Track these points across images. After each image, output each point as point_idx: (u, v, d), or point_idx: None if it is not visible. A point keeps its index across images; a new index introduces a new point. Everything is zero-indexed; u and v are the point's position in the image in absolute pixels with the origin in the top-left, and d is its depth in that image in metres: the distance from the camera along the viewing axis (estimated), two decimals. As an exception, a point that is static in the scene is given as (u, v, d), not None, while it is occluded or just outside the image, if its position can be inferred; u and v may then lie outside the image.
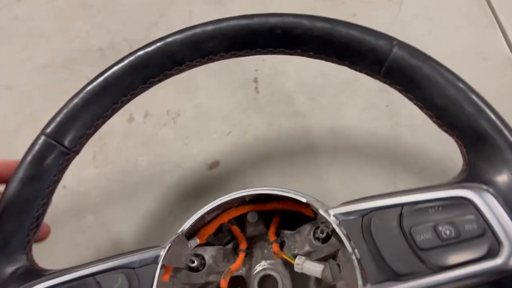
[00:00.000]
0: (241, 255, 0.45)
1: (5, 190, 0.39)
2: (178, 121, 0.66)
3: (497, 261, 0.31)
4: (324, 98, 0.65)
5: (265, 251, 0.46)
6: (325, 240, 0.43)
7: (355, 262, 0.34)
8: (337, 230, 0.35)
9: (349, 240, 0.34)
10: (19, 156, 0.41)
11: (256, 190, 0.42)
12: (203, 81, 0.68)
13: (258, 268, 0.45)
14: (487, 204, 0.32)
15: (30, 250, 0.40)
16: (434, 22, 0.68)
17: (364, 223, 0.35)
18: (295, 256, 0.42)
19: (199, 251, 0.45)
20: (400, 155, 0.60)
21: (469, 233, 0.32)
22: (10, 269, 0.38)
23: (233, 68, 0.68)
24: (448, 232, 0.32)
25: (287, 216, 0.46)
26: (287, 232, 0.46)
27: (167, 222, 0.58)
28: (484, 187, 0.33)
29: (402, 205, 0.34)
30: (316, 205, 0.38)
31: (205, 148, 0.63)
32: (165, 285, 0.39)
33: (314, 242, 0.43)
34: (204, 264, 0.44)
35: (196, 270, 0.44)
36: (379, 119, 0.62)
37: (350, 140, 0.61)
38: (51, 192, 0.41)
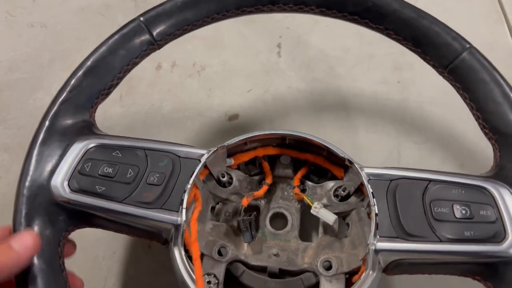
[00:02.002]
0: (264, 187, 0.48)
1: (93, 53, 0.42)
2: (203, 74, 0.70)
3: (500, 247, 0.34)
4: (342, 68, 0.69)
5: (285, 193, 0.50)
6: (343, 199, 0.46)
7: (373, 214, 0.37)
8: (365, 184, 0.39)
9: (373, 196, 0.38)
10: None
11: (301, 133, 0.45)
12: (230, 41, 0.72)
13: (274, 204, 0.49)
14: (505, 200, 0.36)
15: (94, 112, 0.43)
16: (450, 12, 0.73)
17: (390, 186, 0.38)
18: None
19: (231, 171, 0.48)
20: (406, 126, 0.65)
21: (482, 218, 0.35)
22: (73, 120, 0.41)
23: (259, 32, 0.73)
24: (463, 212, 0.36)
25: (315, 170, 0.50)
26: (310, 183, 0.49)
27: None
28: (507, 187, 0.37)
29: (429, 180, 0.38)
30: (351, 160, 0.42)
31: (226, 101, 0.67)
32: (199, 182, 0.42)
33: (332, 198, 0.46)
34: (231, 183, 0.48)
35: (222, 185, 0.47)
36: (390, 93, 0.67)
37: (362, 108, 0.66)
38: (127, 71, 0.43)
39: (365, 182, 0.39)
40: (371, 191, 0.38)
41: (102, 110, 0.47)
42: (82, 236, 0.42)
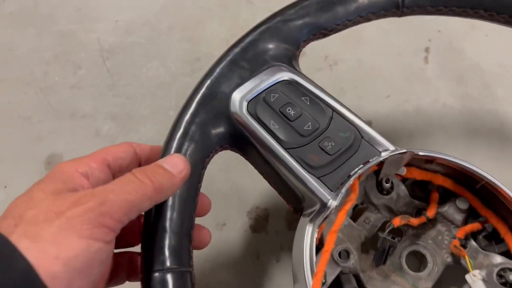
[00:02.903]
0: (422, 219, 0.41)
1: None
2: (335, 69, 0.62)
3: None
4: (501, 88, 0.59)
5: (440, 237, 0.42)
6: (509, 285, 0.38)
7: None
8: None
9: None
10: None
11: (505, 188, 0.37)
12: (370, 36, 0.64)
13: (422, 241, 0.42)
14: None
15: (304, 47, 0.41)
16: None
17: None
18: None
19: (395, 180, 0.42)
20: None
21: None
22: (280, 44, 0.39)
23: (405, 30, 0.63)
24: None
25: (490, 234, 0.41)
26: (474, 244, 0.40)
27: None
28: None
29: None
30: None
31: (359, 104, 0.59)
32: (366, 173, 0.38)
33: (494, 276, 0.38)
34: (389, 193, 0.42)
35: (380, 191, 0.42)
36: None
37: (522, 141, 0.56)
38: (357, 23, 0.40)
39: None
40: None
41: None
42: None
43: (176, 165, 0.31)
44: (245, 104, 0.37)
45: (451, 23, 0.63)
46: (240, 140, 0.37)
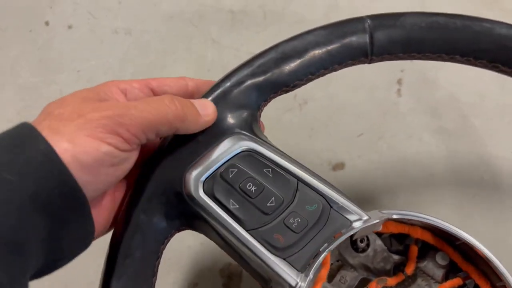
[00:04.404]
0: (400, 276, 0.39)
1: (296, 37, 0.36)
2: (305, 109, 0.60)
3: None
4: (478, 119, 0.57)
5: None
6: None
7: None
8: None
9: None
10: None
11: (485, 251, 0.35)
12: (341, 70, 0.61)
13: None
14: None
15: (264, 107, 0.37)
16: None
17: None
18: None
19: (371, 236, 0.40)
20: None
21: None
22: (240, 109, 0.36)
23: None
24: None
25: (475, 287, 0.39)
26: None
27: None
28: None
29: None
30: None
31: (331, 145, 0.57)
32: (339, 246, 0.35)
33: None
34: (365, 251, 0.39)
35: (355, 249, 0.39)
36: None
37: (501, 177, 0.53)
38: (320, 75, 0.37)
39: None
40: None
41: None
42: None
43: (205, 107, 0.33)
44: (200, 184, 0.34)
45: (423, 51, 0.61)
46: (199, 222, 0.35)
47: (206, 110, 0.33)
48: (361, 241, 0.39)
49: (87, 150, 0.26)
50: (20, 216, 0.24)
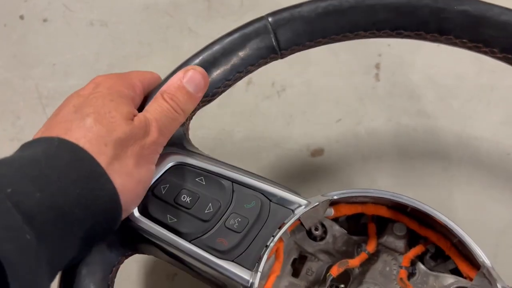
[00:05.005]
0: (363, 255, 0.39)
1: (205, 50, 0.38)
2: (283, 96, 0.59)
3: None
4: (456, 101, 0.56)
5: (387, 268, 0.40)
6: None
7: None
8: None
9: None
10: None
11: (433, 210, 0.35)
12: (318, 57, 0.61)
13: (369, 278, 0.40)
14: None
15: (190, 119, 0.38)
16: None
17: None
18: None
19: (327, 223, 0.40)
20: (537, 184, 0.52)
21: None
22: None
23: (354, 48, 0.61)
24: None
25: (435, 253, 0.40)
26: (423, 267, 0.39)
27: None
28: None
29: None
30: (492, 273, 0.33)
31: (309, 131, 0.57)
32: (285, 234, 0.36)
33: None
34: (323, 238, 0.40)
35: (313, 238, 0.40)
36: (517, 138, 0.54)
37: (479, 155, 0.53)
38: (238, 79, 0.37)
39: None
40: None
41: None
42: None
43: (198, 84, 0.33)
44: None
45: (401, 35, 0.61)
46: (142, 244, 0.35)
47: (199, 87, 0.34)
48: (316, 229, 0.39)
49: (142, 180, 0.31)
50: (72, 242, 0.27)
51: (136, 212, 0.34)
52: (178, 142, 0.36)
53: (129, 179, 0.29)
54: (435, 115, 0.56)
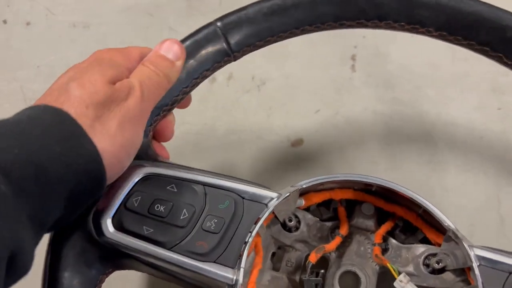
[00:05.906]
0: (337, 239, 0.40)
1: None
2: (263, 89, 0.61)
3: None
4: (431, 89, 0.58)
5: (362, 248, 0.42)
6: (436, 272, 0.38)
7: None
8: (475, 271, 0.33)
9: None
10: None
11: (393, 184, 0.37)
12: (296, 50, 0.62)
13: (346, 260, 0.41)
14: None
15: (153, 131, 0.38)
16: None
17: (509, 280, 0.32)
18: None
19: (299, 213, 0.41)
20: (509, 165, 0.53)
21: None
22: None
23: (331, 40, 0.62)
24: None
25: (404, 226, 0.42)
26: (394, 242, 0.41)
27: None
28: None
29: None
30: (458, 235, 0.34)
31: (289, 123, 0.58)
32: (262, 229, 0.36)
33: (421, 267, 0.39)
34: (298, 228, 0.41)
35: (288, 229, 0.41)
36: (490, 122, 0.56)
37: (454, 140, 0.55)
38: (195, 85, 0.38)
39: (475, 268, 0.33)
40: (481, 281, 0.32)
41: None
42: None
43: (175, 52, 0.34)
44: (109, 223, 0.34)
45: (376, 27, 0.62)
46: (121, 259, 0.35)
47: (176, 55, 0.34)
48: (290, 220, 0.40)
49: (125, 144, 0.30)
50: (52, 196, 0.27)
51: (111, 228, 0.33)
52: (144, 154, 0.36)
53: (111, 141, 0.29)
54: (411, 103, 0.57)
